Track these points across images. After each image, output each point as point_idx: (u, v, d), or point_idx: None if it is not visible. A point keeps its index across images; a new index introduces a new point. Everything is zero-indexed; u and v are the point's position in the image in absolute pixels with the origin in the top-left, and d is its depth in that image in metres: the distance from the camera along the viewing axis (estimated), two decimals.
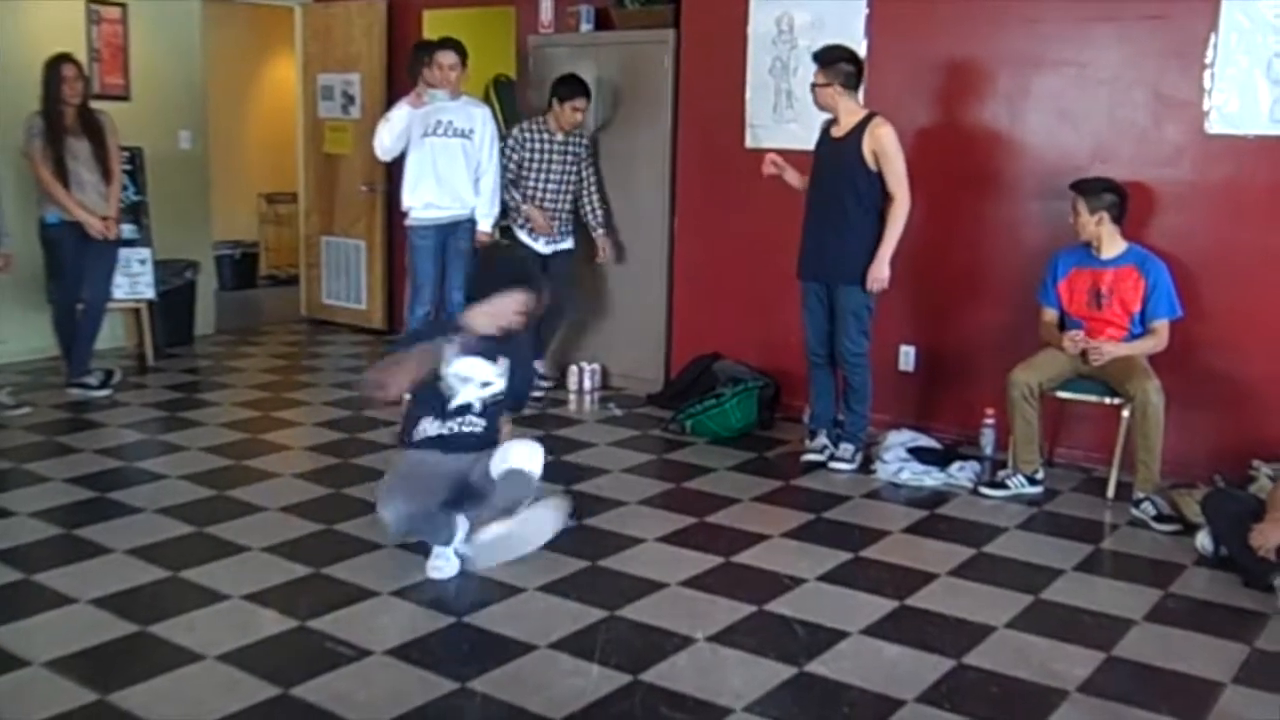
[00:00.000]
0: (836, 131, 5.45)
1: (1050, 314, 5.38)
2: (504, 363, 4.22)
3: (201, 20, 8.34)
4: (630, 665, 3.50)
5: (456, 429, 4.19)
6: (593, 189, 6.95)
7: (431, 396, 4.17)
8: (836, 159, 5.42)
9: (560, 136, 6.73)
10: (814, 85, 5.43)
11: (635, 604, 3.96)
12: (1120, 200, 5.15)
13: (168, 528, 4.59)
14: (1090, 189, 5.17)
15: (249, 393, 6.87)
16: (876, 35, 5.99)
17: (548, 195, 6.77)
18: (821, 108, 5.48)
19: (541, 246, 6.79)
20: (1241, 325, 5.26)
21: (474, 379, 4.17)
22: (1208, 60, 5.23)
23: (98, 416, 6.24)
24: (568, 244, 6.94)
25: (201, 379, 7.23)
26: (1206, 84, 5.25)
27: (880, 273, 5.39)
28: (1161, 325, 5.13)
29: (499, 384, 4.22)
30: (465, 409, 4.19)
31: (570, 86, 6.66)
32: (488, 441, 4.18)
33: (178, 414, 6.33)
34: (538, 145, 6.72)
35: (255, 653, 3.54)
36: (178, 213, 8.04)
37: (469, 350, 4.13)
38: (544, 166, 6.74)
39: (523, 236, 6.81)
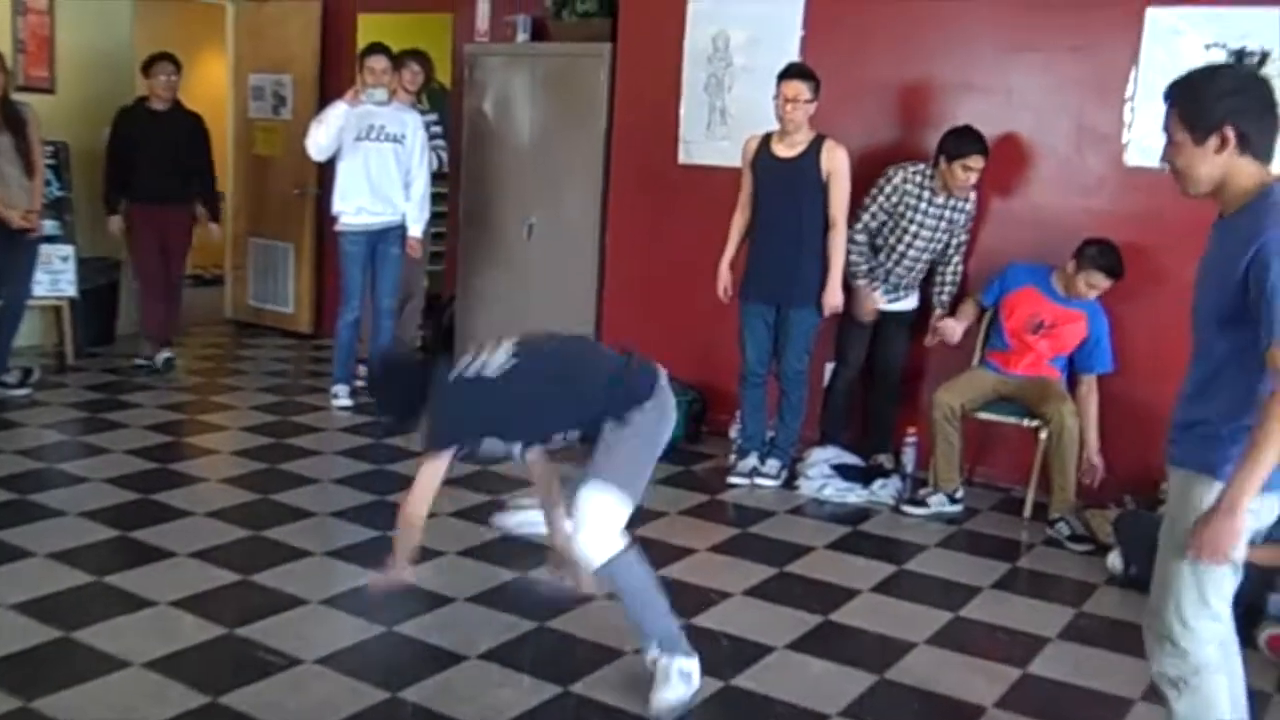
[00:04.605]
0: (784, 151, 5.47)
1: (978, 308, 5.59)
2: None
3: (132, 15, 8.23)
4: (560, 677, 3.54)
5: None
6: (956, 264, 5.71)
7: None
8: (790, 178, 5.44)
9: (941, 199, 5.53)
10: (801, 101, 5.32)
11: (563, 616, 3.99)
12: None
13: (91, 531, 4.54)
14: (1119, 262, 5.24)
15: (173, 394, 6.78)
16: (810, 56, 6.06)
17: (906, 258, 5.63)
18: (794, 126, 5.39)
19: (881, 300, 5.77)
20: (1155, 353, 5.40)
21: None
22: (1128, 94, 5.40)
23: (16, 416, 6.12)
24: (911, 302, 5.83)
25: (124, 379, 7.10)
26: (1126, 117, 5.42)
27: (835, 299, 5.49)
28: (1091, 380, 5.33)
29: None
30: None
31: (965, 142, 5.41)
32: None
33: (100, 415, 6.23)
34: (913, 200, 5.54)
35: (183, 660, 3.52)
36: (102, 210, 7.90)
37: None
38: (913, 223, 5.55)
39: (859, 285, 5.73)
